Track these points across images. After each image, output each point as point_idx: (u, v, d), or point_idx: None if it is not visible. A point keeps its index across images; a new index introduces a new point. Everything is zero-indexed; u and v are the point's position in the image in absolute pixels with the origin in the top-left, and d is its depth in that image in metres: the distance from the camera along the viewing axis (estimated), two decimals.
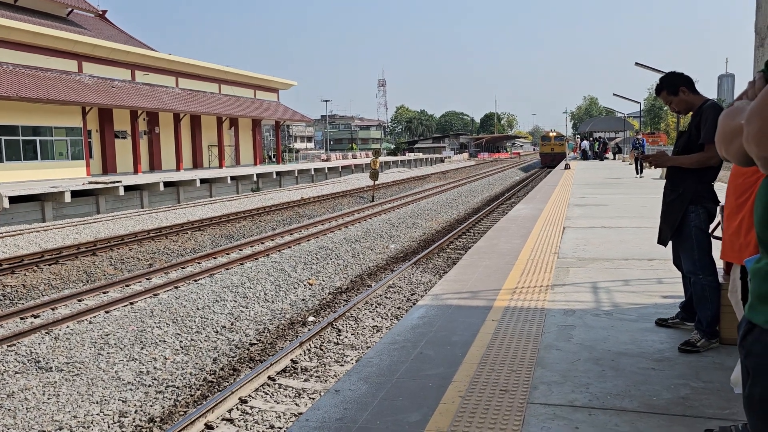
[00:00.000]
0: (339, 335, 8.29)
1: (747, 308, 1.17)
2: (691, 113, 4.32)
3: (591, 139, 50.33)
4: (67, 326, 8.57)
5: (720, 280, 4.12)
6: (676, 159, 4.25)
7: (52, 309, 9.48)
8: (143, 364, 7.50)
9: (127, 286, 10.96)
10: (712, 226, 4.24)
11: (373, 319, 9.03)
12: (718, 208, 4.04)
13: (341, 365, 7.25)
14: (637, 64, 27.82)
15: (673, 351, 4.13)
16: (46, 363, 7.39)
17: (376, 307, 9.65)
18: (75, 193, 21.96)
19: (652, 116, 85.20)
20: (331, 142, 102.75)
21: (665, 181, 4.48)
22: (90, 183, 23.77)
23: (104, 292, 10.49)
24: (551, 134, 54.98)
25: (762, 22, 4.63)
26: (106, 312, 9.25)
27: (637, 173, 23.50)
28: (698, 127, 4.12)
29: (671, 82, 4.29)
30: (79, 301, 9.97)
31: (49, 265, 12.77)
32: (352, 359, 7.40)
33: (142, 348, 7.98)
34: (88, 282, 11.87)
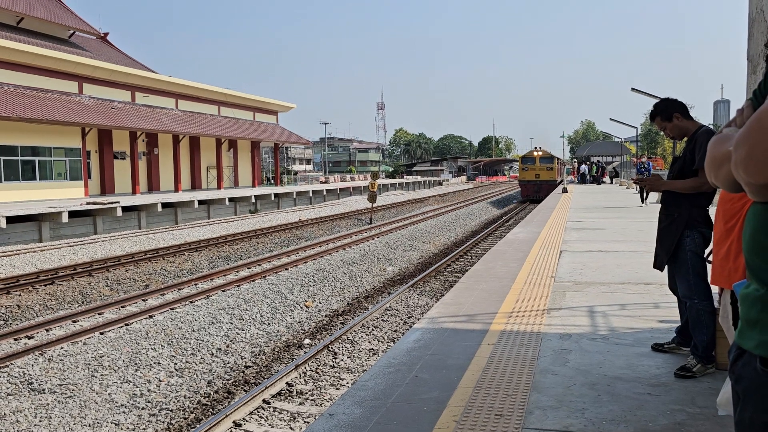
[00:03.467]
0: (335, 358, 8.24)
1: (737, 334, 1.18)
2: (685, 139, 4.36)
3: (588, 163, 50.01)
4: (61, 347, 8.51)
5: (715, 304, 4.12)
6: (671, 183, 4.28)
7: (47, 330, 9.42)
8: (137, 387, 7.44)
9: (122, 307, 10.91)
10: (706, 251, 4.25)
11: (369, 342, 8.98)
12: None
13: (337, 388, 7.19)
14: (633, 89, 28.04)
15: (669, 376, 4.12)
16: (39, 385, 7.32)
17: (372, 329, 9.61)
18: (72, 214, 21.95)
19: (649, 141, 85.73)
20: (330, 165, 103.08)
21: (660, 205, 4.51)
22: (88, 203, 23.77)
23: (99, 313, 10.44)
24: (536, 153, 40.92)
25: (754, 50, 4.69)
26: (101, 333, 9.19)
27: (642, 201, 20.17)
28: (693, 152, 4.16)
29: (665, 108, 4.34)
30: (74, 322, 9.92)
31: (45, 285, 12.72)
32: (347, 382, 7.35)
33: (136, 370, 7.92)
34: (83, 303, 11.82)
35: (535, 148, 42.27)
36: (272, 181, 49.87)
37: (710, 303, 4.12)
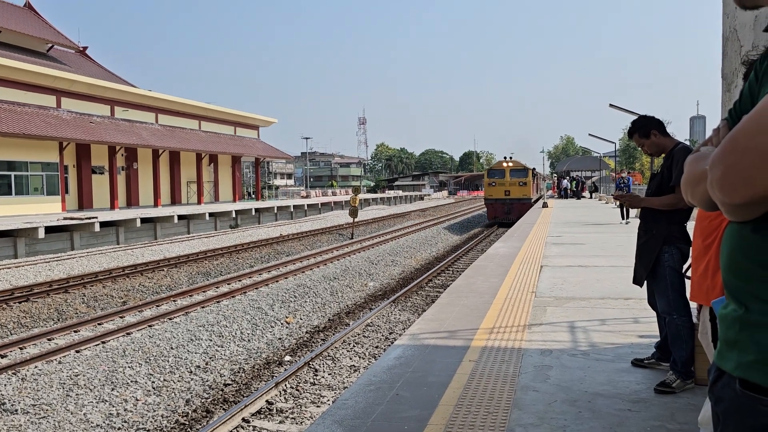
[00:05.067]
0: (316, 375, 8.15)
1: (716, 354, 1.17)
2: (663, 155, 4.42)
3: (568, 178, 50.52)
4: (35, 366, 8.32)
5: (694, 320, 4.14)
6: (648, 200, 4.33)
7: (21, 348, 9.22)
8: (113, 406, 7.29)
9: (99, 324, 10.72)
10: (684, 267, 4.29)
11: (350, 359, 8.91)
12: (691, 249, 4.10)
13: (318, 406, 7.11)
14: (611, 105, 28.43)
15: (649, 392, 4.13)
16: (12, 405, 7.14)
17: (353, 346, 9.54)
18: (49, 229, 21.62)
19: (627, 156, 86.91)
20: (312, 179, 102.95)
21: (639, 221, 4.55)
22: (65, 219, 23.44)
23: (75, 331, 10.25)
24: (505, 165, 33.89)
25: (728, 69, 4.78)
26: (77, 351, 9.01)
27: (623, 218, 19.55)
28: (669, 169, 4.21)
29: (643, 125, 4.41)
30: (49, 340, 9.72)
31: (20, 302, 12.47)
32: (328, 400, 7.27)
33: (112, 389, 7.77)
34: (59, 320, 11.60)
35: (505, 158, 34.82)
36: (253, 196, 49.65)
37: (689, 319, 4.15)
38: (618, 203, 20.88)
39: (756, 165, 0.96)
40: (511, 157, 34.88)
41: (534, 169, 37.45)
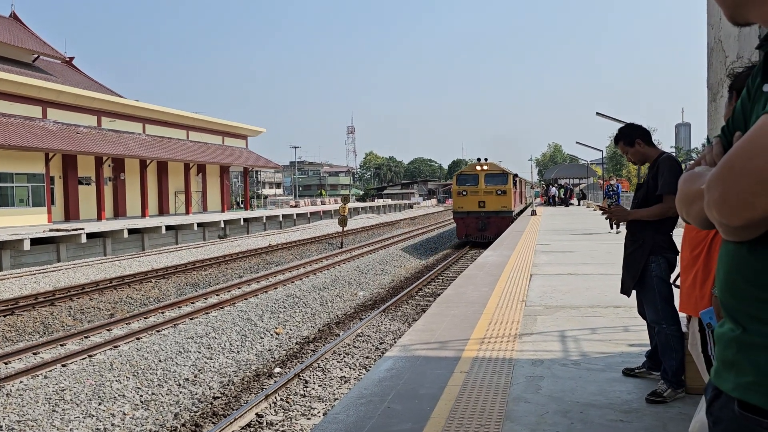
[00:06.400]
0: (306, 387, 8.10)
1: (713, 373, 1.16)
2: (648, 164, 4.44)
3: (557, 185, 50.81)
4: (21, 381, 8.20)
5: (684, 329, 4.15)
6: (635, 213, 4.33)
7: (5, 363, 9.08)
8: (100, 421, 7.19)
9: (86, 337, 10.60)
10: (673, 276, 4.30)
11: (341, 370, 8.86)
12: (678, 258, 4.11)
13: (308, 418, 7.06)
14: (598, 113, 28.67)
15: (640, 402, 4.12)
16: None
17: (344, 357, 9.49)
18: (35, 241, 21.39)
19: (614, 163, 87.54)
20: (300, 189, 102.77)
21: (626, 231, 4.56)
22: (51, 230, 23.21)
23: (62, 345, 10.12)
24: (479, 168, 26.95)
25: (713, 79, 4.83)
26: (63, 366, 8.90)
27: (612, 227, 17.13)
28: (655, 178, 4.23)
29: (628, 133, 4.44)
30: (35, 354, 9.59)
31: (4, 316, 12.31)
32: (319, 412, 7.22)
33: (99, 403, 7.67)
34: (45, 334, 11.45)
35: (479, 159, 27.68)
36: (242, 206, 49.49)
37: (678, 327, 4.16)
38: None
39: (753, 188, 0.95)
40: (486, 159, 27.78)
41: (516, 175, 30.02)
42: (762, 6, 1.11)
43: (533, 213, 30.75)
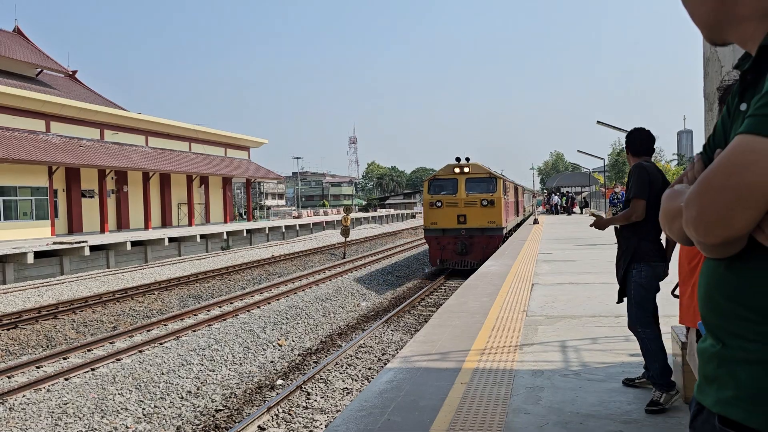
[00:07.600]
0: (308, 399, 8.09)
1: (696, 388, 1.17)
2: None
3: (559, 193, 50.74)
4: (24, 395, 8.21)
5: (683, 339, 4.16)
6: (609, 219, 4.55)
7: (8, 377, 9.10)
8: None
9: (88, 350, 10.61)
10: (671, 287, 4.31)
11: (343, 381, 8.85)
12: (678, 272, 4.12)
13: (310, 431, 7.05)
14: (599, 122, 28.70)
15: (640, 412, 4.12)
16: None
17: (346, 368, 9.48)
18: (38, 254, 21.45)
19: (616, 171, 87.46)
20: (303, 199, 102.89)
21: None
22: (54, 243, 23.27)
23: (64, 358, 10.13)
24: (458, 171, 20.39)
25: (709, 88, 4.85)
26: (66, 379, 8.91)
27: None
28: (628, 185, 4.36)
29: (626, 143, 4.52)
30: (38, 368, 9.61)
31: (7, 329, 12.33)
32: (321, 424, 7.21)
33: (102, 417, 7.67)
34: (48, 347, 11.47)
35: (458, 159, 20.61)
36: (244, 217, 49.52)
37: (652, 331, 4.20)
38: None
39: (730, 206, 0.97)
40: (468, 159, 20.86)
41: (505, 180, 23.37)
42: (737, 27, 1.14)
43: (535, 222, 30.77)
